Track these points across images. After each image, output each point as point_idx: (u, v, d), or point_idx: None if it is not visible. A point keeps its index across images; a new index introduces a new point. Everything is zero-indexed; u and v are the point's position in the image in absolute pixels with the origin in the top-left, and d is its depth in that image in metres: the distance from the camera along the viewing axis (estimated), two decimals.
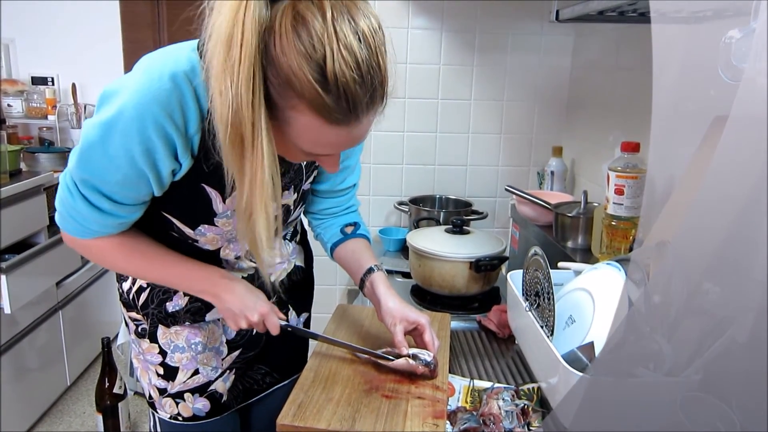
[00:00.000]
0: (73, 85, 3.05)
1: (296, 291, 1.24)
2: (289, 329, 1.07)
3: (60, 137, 3.08)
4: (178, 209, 0.97)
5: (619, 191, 1.33)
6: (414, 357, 1.05)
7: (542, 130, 2.24)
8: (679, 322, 0.76)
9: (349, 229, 1.22)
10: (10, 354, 2.23)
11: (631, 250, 1.27)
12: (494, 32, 2.15)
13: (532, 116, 2.23)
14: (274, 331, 1.05)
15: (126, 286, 1.11)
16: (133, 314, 1.12)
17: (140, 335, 1.12)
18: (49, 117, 2.98)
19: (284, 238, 1.19)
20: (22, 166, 2.63)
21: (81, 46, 3.07)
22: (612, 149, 1.69)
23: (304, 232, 1.29)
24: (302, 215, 1.24)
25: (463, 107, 2.22)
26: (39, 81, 3.07)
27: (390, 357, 1.06)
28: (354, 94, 0.73)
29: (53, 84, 3.07)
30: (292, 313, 1.24)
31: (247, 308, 1.01)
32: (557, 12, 1.31)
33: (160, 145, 0.82)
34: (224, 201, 0.95)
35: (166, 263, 1.00)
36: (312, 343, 1.18)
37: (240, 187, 0.80)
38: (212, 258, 1.06)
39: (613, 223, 1.36)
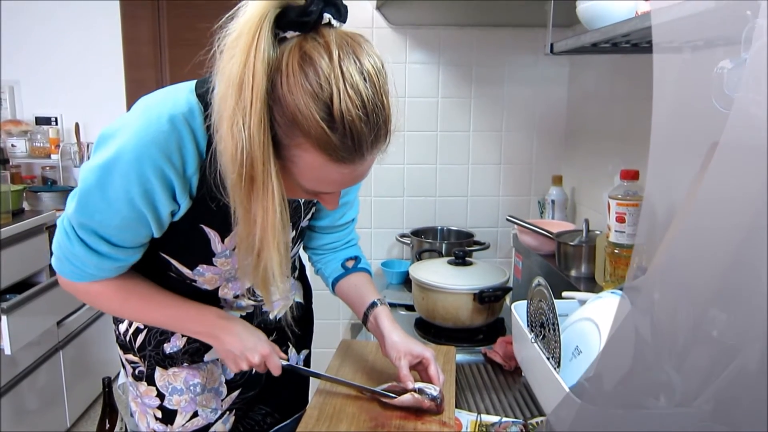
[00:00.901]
0: (77, 125, 3.09)
1: (296, 327, 1.22)
2: (291, 369, 1.06)
3: (63, 176, 3.10)
4: (177, 250, 0.97)
5: (620, 219, 1.33)
6: (420, 391, 1.03)
7: (542, 160, 2.25)
8: (687, 351, 0.75)
9: (350, 264, 1.21)
10: (9, 396, 2.20)
11: (635, 277, 1.26)
12: (491, 65, 2.18)
13: (531, 146, 2.25)
14: (276, 371, 1.03)
15: (122, 327, 1.10)
16: (130, 356, 1.10)
17: (137, 378, 1.10)
18: (53, 156, 3.01)
19: None
20: (25, 205, 2.64)
21: (84, 87, 3.12)
22: (611, 177, 1.70)
23: (302, 267, 1.29)
24: (302, 250, 1.23)
25: (462, 139, 2.24)
26: (43, 121, 3.11)
27: (393, 395, 1.05)
28: (359, 133, 0.74)
29: (57, 124, 3.11)
30: (292, 351, 1.22)
31: (247, 349, 1.00)
32: (552, 45, 1.33)
33: (158, 186, 0.82)
34: (223, 241, 0.95)
35: (163, 305, 0.99)
36: (313, 380, 1.17)
37: (247, 226, 0.80)
38: (211, 298, 1.05)
39: (616, 251, 1.35)
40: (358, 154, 0.77)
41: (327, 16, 0.75)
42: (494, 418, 1.10)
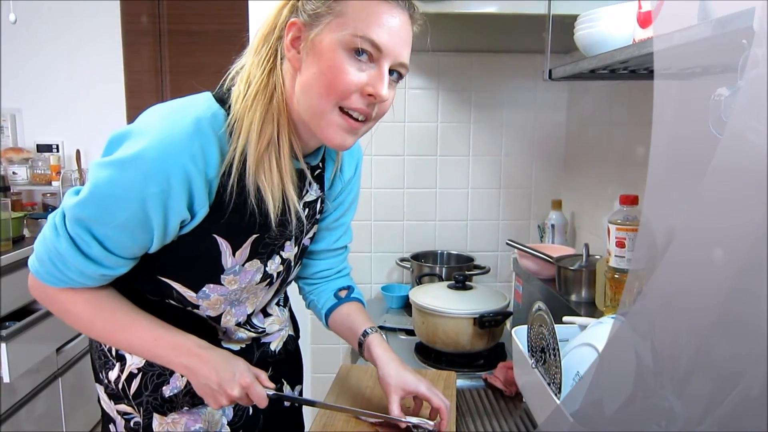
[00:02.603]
0: (77, 152, 3.11)
1: (289, 363, 1.20)
2: (278, 398, 0.98)
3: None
4: (182, 269, 0.93)
5: (620, 244, 1.33)
6: (416, 427, 1.02)
7: (541, 184, 2.26)
8: (688, 378, 0.75)
9: (342, 293, 1.20)
10: (8, 423, 2.18)
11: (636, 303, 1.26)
12: (490, 90, 2.20)
13: (530, 170, 2.26)
14: (261, 402, 0.95)
15: (113, 375, 1.02)
16: (123, 407, 1.02)
17: (133, 431, 1.02)
18: (53, 183, 3.02)
19: (277, 304, 1.16)
20: (25, 232, 2.64)
21: (85, 114, 3.15)
22: (611, 202, 1.70)
23: (288, 300, 1.26)
24: (294, 282, 1.21)
25: (461, 163, 2.25)
26: (44, 148, 3.13)
27: (386, 415, 1.03)
28: None
29: (58, 151, 3.13)
30: (286, 387, 1.19)
31: (225, 381, 0.91)
32: (550, 71, 1.35)
33: (177, 190, 0.81)
34: (234, 254, 0.93)
35: (136, 326, 0.92)
36: (307, 413, 1.15)
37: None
38: (210, 329, 1.01)
39: (616, 276, 1.35)
40: None
41: None
42: None
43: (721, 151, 0.60)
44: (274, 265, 1.01)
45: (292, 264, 1.07)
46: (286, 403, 1.17)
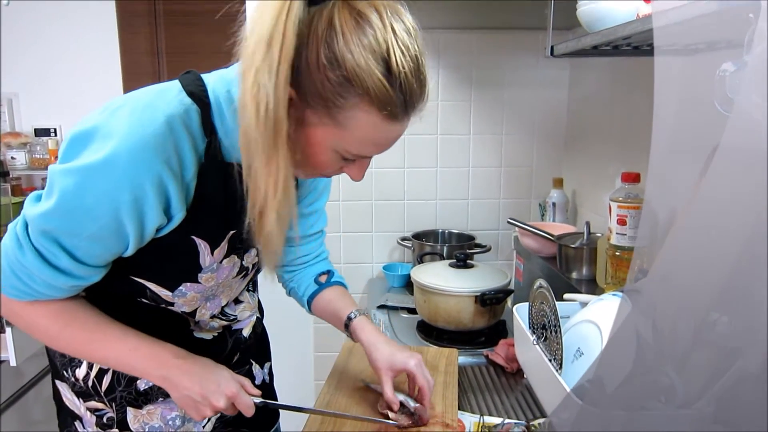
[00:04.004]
0: None
1: (257, 343, 1.18)
2: (264, 406, 0.95)
3: None
4: (157, 271, 0.88)
5: (621, 221, 1.34)
6: (402, 405, 1.03)
7: (542, 163, 2.26)
8: (688, 354, 0.75)
9: (323, 278, 1.18)
10: (16, 407, 2.20)
11: (636, 280, 1.26)
12: (490, 68, 2.19)
13: (531, 149, 2.25)
14: (248, 412, 0.91)
15: (81, 372, 0.96)
16: (93, 404, 0.97)
17: (106, 426, 0.97)
18: None
19: (248, 290, 1.13)
20: None
21: (83, 97, 3.12)
22: (612, 180, 1.70)
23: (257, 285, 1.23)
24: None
25: (462, 142, 2.24)
26: (42, 132, 3.12)
27: (385, 420, 1.03)
28: (412, 89, 0.75)
29: (56, 135, 3.12)
30: (255, 367, 1.17)
31: (210, 393, 0.87)
32: (552, 47, 1.33)
33: (152, 195, 0.76)
34: (212, 252, 0.89)
35: (109, 338, 0.87)
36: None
37: (258, 180, 0.77)
38: (181, 322, 0.98)
39: (617, 253, 1.36)
40: (408, 111, 0.78)
41: None
42: (497, 420, 1.10)
43: (726, 130, 0.60)
44: (250, 258, 0.99)
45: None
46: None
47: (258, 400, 0.93)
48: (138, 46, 3.08)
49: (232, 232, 0.90)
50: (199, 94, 0.80)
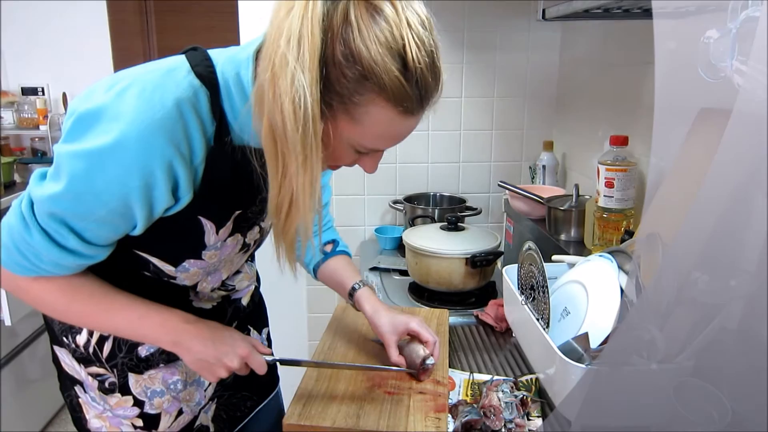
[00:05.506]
0: (64, 95, 3.06)
1: (254, 310, 1.20)
2: (275, 362, 0.97)
3: (52, 147, 3.09)
4: (162, 247, 0.89)
5: (609, 184, 1.36)
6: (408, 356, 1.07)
7: (533, 126, 2.27)
8: (670, 312, 0.78)
9: (328, 248, 1.20)
10: (10, 366, 2.23)
11: (622, 241, 1.30)
12: (482, 30, 2.17)
13: (522, 112, 2.26)
14: (261, 370, 0.95)
15: (81, 339, 0.97)
16: (94, 369, 0.98)
17: (107, 391, 0.98)
18: (41, 127, 2.98)
19: (246, 261, 1.14)
20: (16, 177, 2.63)
21: (70, 56, 3.08)
22: (601, 143, 1.72)
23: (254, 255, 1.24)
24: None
25: (454, 105, 2.24)
26: (29, 91, 3.07)
27: (384, 366, 1.08)
28: (427, 84, 0.74)
29: (44, 94, 3.08)
30: (254, 333, 1.20)
31: (223, 354, 0.90)
32: (543, 11, 1.33)
33: (161, 179, 0.75)
34: (218, 232, 0.89)
35: (117, 308, 0.88)
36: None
37: (280, 185, 0.77)
38: (182, 292, 0.99)
39: (605, 215, 1.38)
40: (423, 105, 0.76)
41: None
42: (486, 377, 1.14)
43: (709, 93, 0.61)
44: (253, 235, 1.00)
45: (268, 229, 1.05)
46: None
47: (269, 358, 0.96)
48: (126, 4, 3.02)
49: (237, 212, 0.91)
50: (208, 76, 0.79)
